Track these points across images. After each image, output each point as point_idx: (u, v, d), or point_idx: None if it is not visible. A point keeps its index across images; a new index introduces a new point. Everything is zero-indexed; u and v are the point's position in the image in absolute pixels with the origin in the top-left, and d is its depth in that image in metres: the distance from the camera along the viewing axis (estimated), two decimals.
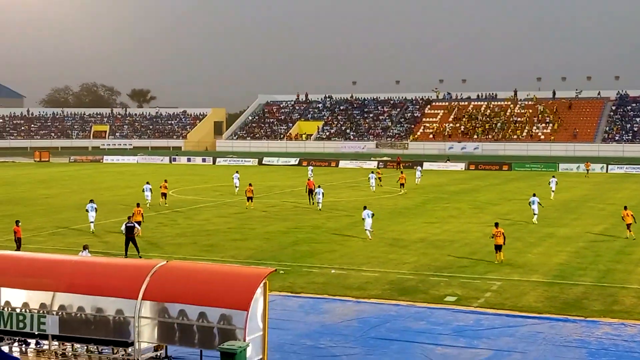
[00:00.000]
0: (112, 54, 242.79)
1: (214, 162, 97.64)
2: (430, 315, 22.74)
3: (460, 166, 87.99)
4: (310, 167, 72.74)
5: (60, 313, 18.08)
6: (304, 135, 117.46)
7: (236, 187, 57.81)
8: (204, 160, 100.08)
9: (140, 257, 30.34)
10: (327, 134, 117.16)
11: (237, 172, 61.07)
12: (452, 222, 42.41)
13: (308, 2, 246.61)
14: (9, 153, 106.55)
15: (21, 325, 18.29)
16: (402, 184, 59.07)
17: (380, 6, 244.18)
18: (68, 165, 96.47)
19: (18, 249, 31.44)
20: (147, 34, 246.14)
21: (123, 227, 32.09)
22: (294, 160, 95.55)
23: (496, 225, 30.85)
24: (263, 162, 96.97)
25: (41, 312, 18.18)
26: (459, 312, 23.04)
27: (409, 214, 45.77)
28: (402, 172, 63.70)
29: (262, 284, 17.60)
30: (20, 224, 32.53)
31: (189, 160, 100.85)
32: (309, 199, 50.54)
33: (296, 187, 62.90)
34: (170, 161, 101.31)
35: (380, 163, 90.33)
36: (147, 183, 49.16)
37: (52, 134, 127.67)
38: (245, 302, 16.84)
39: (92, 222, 38.08)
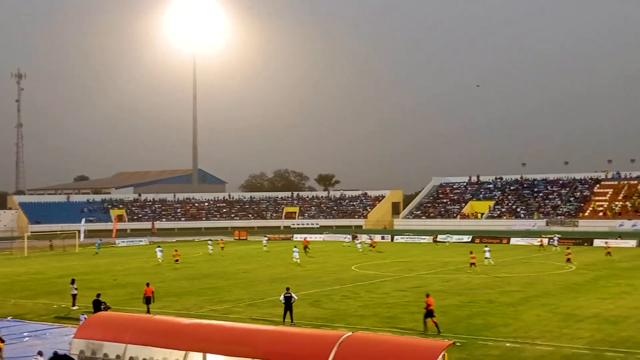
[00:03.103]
0: (302, 142, 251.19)
1: (392, 240, 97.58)
2: None
3: (632, 243, 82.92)
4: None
5: None
6: (479, 214, 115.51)
7: (490, 260, 58.53)
8: (382, 237, 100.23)
9: (293, 324, 30.88)
10: (498, 212, 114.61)
11: (487, 247, 62.34)
12: (625, 298, 39.87)
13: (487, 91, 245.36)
14: (212, 232, 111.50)
15: None
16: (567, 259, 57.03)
17: (548, 91, 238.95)
18: (258, 243, 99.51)
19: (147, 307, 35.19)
20: (330, 123, 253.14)
21: (282, 298, 32.80)
22: (467, 238, 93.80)
23: None
24: (437, 240, 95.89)
25: None
26: None
27: (581, 290, 43.52)
28: (568, 248, 61.16)
29: (441, 356, 17.22)
30: (149, 284, 36.42)
31: (369, 237, 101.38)
32: None
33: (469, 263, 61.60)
34: (352, 239, 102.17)
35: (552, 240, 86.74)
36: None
37: (249, 215, 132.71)
38: None
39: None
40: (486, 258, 58.99)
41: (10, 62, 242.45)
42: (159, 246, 70.29)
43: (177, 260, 65.12)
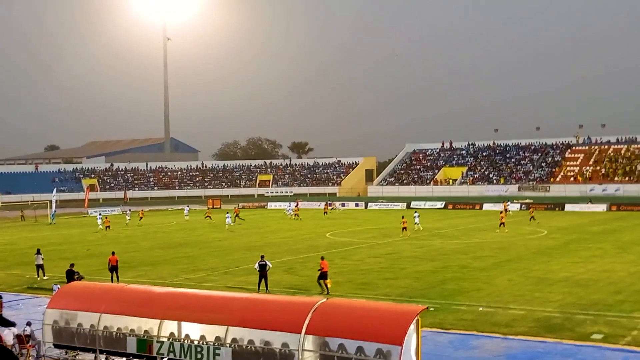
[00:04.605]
0: (274, 110, 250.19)
1: (366, 207, 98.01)
2: (577, 353, 21.69)
3: (602, 207, 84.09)
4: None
5: (233, 345, 18.52)
6: (451, 181, 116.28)
7: (418, 225, 60.70)
8: (357, 205, 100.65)
9: (268, 292, 31.28)
10: (471, 178, 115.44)
11: (416, 212, 64.93)
12: (595, 261, 40.49)
13: (450, 56, 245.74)
14: (185, 201, 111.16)
15: (199, 356, 18.86)
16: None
17: (519, 57, 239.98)
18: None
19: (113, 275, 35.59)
20: (303, 90, 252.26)
21: (256, 265, 32.93)
22: (440, 204, 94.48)
23: None
24: (411, 206, 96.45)
25: (216, 344, 18.69)
26: (607, 350, 21.86)
27: (552, 254, 44.10)
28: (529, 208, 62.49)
29: (414, 321, 17.42)
30: (114, 253, 36.94)
31: (343, 205, 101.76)
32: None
33: (443, 229, 62.14)
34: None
35: (524, 205, 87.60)
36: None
37: (223, 184, 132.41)
38: (399, 337, 16.70)
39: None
40: (416, 224, 61.31)
41: None
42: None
43: (107, 227, 68.13)
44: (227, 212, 73.72)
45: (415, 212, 66.53)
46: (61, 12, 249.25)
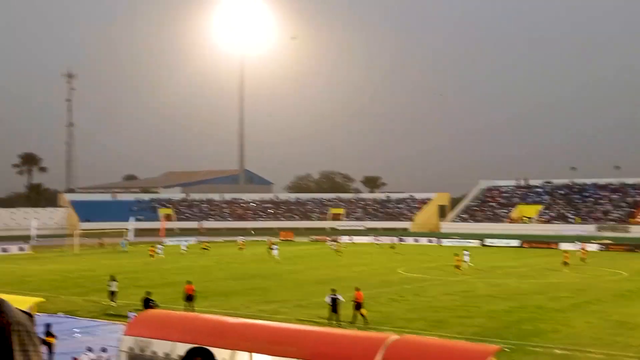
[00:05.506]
0: (348, 144, 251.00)
1: (439, 243, 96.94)
2: None
3: None
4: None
5: None
6: (526, 218, 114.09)
7: (467, 263, 58.71)
8: (429, 240, 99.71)
9: (339, 326, 31.24)
10: (547, 217, 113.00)
11: (466, 250, 61.89)
12: None
13: (525, 92, 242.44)
14: (259, 233, 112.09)
15: None
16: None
17: (598, 97, 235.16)
18: (309, 244, 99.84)
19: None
20: (377, 124, 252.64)
21: (328, 299, 32.81)
22: (515, 242, 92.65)
23: None
24: (485, 243, 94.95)
25: None
26: None
27: (633, 297, 42.59)
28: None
29: None
30: (190, 282, 37.85)
31: (415, 240, 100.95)
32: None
33: (518, 268, 60.86)
34: (398, 241, 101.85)
35: (602, 246, 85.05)
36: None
37: (295, 216, 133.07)
38: None
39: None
40: (464, 261, 59.52)
41: (61, 61, 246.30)
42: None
43: (152, 256, 69.97)
44: (274, 244, 73.91)
45: (465, 250, 64.96)
46: (136, 48, 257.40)
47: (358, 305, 32.79)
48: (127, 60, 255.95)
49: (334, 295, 32.74)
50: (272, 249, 73.17)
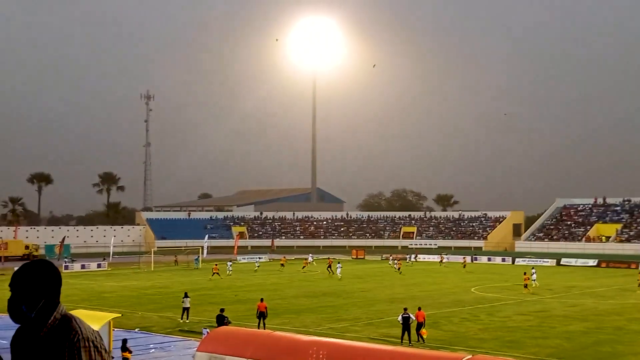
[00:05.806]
0: (420, 161, 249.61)
1: (513, 262, 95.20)
2: None
3: None
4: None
5: None
6: (604, 238, 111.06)
7: (535, 282, 57.57)
8: (503, 260, 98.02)
9: (411, 345, 31.17)
10: (627, 236, 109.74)
11: (533, 268, 61.31)
12: None
13: (602, 108, 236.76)
14: (330, 251, 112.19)
15: None
16: None
17: None
18: (380, 262, 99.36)
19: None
20: (449, 142, 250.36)
21: (400, 318, 32.76)
22: (592, 262, 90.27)
23: None
24: (561, 263, 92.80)
25: None
26: None
27: None
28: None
29: None
30: (263, 300, 38.03)
31: (489, 259, 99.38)
32: None
33: (595, 288, 59.25)
34: (471, 260, 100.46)
35: None
36: None
37: (367, 235, 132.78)
38: None
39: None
40: (533, 281, 58.67)
41: (140, 84, 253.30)
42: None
43: (216, 273, 69.00)
44: (339, 262, 73.57)
45: (533, 268, 64.22)
46: (211, 69, 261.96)
47: (419, 326, 32.94)
48: (202, 81, 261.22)
49: (406, 314, 32.54)
50: (330, 266, 74.21)
